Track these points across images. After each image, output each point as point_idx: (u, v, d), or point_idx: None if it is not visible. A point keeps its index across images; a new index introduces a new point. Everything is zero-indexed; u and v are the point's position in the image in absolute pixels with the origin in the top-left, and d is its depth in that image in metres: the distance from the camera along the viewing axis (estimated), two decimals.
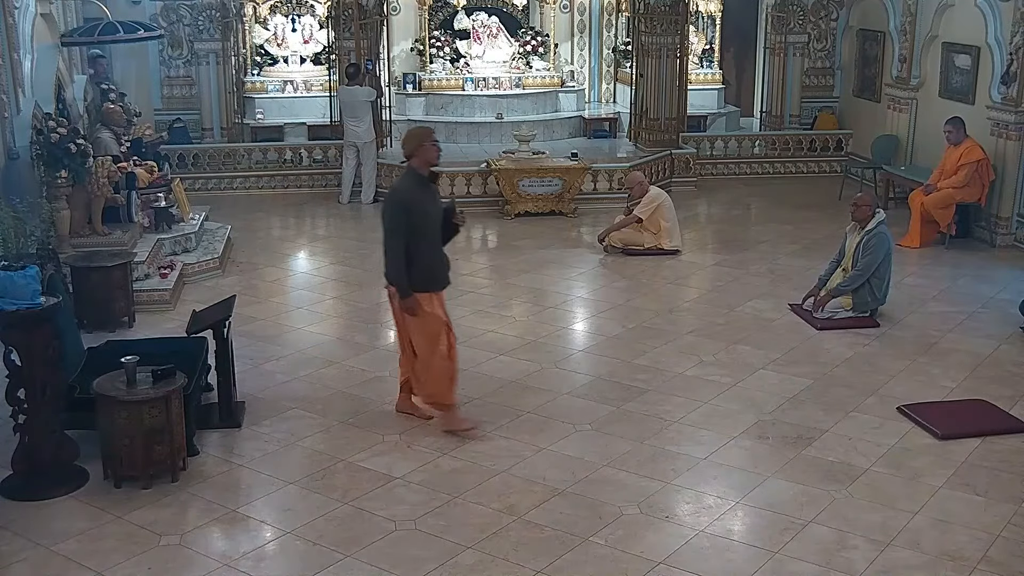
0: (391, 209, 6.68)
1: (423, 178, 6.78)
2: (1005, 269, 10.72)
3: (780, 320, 9.18)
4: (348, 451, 6.67)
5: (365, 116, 13.51)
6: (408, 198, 6.66)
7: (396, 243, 6.63)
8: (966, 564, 5.42)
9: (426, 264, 6.72)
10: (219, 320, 7.06)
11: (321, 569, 5.39)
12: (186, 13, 14.86)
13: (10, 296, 5.88)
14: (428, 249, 6.75)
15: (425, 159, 6.73)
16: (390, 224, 6.64)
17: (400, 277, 6.67)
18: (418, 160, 6.72)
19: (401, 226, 6.60)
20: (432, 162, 6.79)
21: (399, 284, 6.69)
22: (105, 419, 6.14)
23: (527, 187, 12.77)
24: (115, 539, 5.65)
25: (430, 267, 6.77)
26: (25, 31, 9.84)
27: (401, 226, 6.60)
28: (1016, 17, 11.28)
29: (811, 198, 13.87)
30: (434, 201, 6.83)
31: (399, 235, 6.61)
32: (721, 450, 6.68)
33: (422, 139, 6.74)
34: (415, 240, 6.63)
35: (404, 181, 6.80)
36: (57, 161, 9.03)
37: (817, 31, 15.91)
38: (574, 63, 16.67)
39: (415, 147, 6.73)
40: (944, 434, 6.85)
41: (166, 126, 14.18)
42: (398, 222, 6.61)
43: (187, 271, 10.17)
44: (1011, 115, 11.40)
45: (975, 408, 7.31)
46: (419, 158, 6.72)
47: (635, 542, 5.63)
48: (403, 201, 6.66)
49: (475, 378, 7.85)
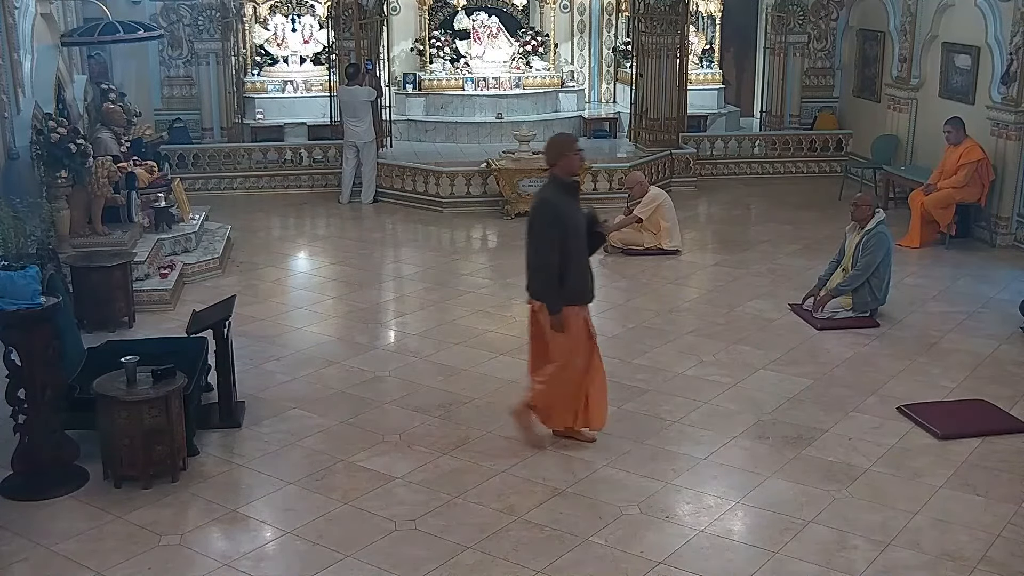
0: (545, 220, 6.34)
1: (568, 186, 6.49)
2: (1005, 269, 10.72)
3: (780, 320, 9.18)
4: (348, 451, 6.67)
5: (365, 116, 13.51)
6: (561, 209, 6.34)
7: (550, 256, 6.30)
8: (966, 564, 5.42)
9: (576, 277, 6.42)
10: (219, 320, 7.06)
11: (321, 569, 5.39)
12: (186, 13, 14.87)
13: (10, 296, 5.88)
14: (578, 261, 6.44)
15: (568, 168, 6.45)
16: (544, 236, 6.32)
17: (552, 292, 6.37)
18: (560, 169, 6.43)
19: (556, 238, 6.29)
20: (574, 171, 6.54)
21: (550, 299, 6.39)
22: (105, 419, 6.14)
23: (527, 187, 12.76)
24: (115, 539, 5.65)
25: (580, 280, 6.46)
26: (25, 31, 9.84)
27: (556, 238, 6.29)
28: (1016, 17, 11.28)
29: (811, 198, 13.87)
30: (579, 210, 6.51)
31: (554, 248, 6.29)
32: (721, 450, 6.68)
33: (565, 148, 6.45)
34: (566, 252, 6.34)
35: (550, 190, 6.45)
36: (57, 161, 9.03)
37: (817, 31, 15.91)
38: (574, 63, 16.67)
39: (558, 156, 6.43)
40: (944, 434, 6.85)
41: (166, 126, 14.19)
42: (552, 234, 6.30)
43: (187, 271, 10.17)
44: (1011, 115, 11.40)
45: (975, 408, 7.31)
46: (562, 166, 6.43)
47: (635, 542, 5.63)
48: (557, 212, 6.33)
49: (475, 378, 7.85)
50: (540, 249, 6.37)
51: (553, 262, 6.33)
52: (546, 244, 6.34)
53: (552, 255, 6.32)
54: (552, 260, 6.33)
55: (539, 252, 6.39)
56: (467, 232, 12.45)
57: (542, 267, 6.39)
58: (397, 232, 12.61)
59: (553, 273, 6.35)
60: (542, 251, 6.36)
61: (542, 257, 6.37)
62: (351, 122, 13.48)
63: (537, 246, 6.40)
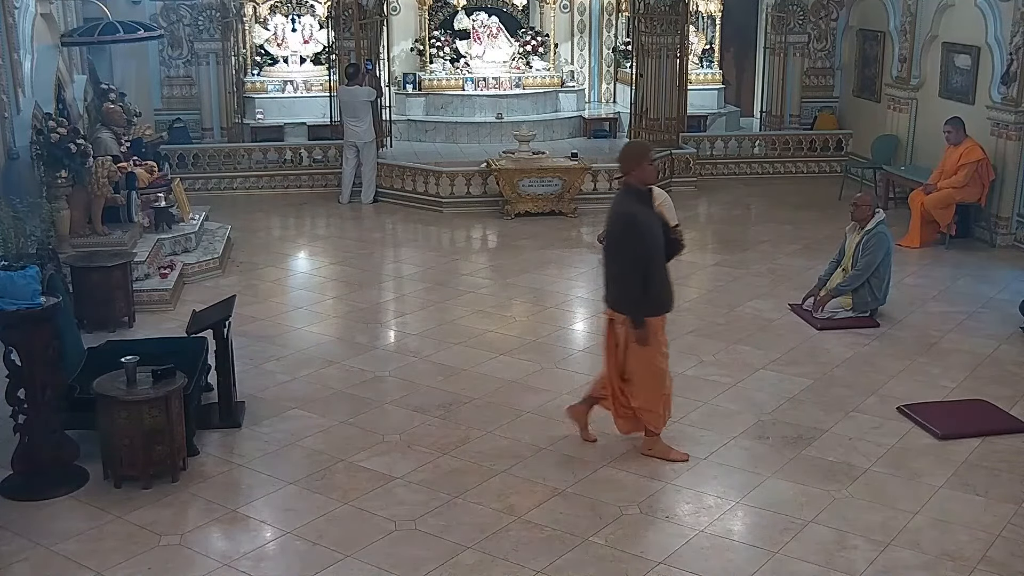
0: (629, 232, 6.23)
1: (645, 196, 6.38)
2: (1005, 269, 10.72)
3: (780, 320, 9.18)
4: (348, 451, 6.67)
5: (365, 116, 13.51)
6: (644, 221, 6.24)
7: (636, 268, 6.20)
8: (966, 564, 5.42)
9: (659, 287, 6.33)
10: (219, 320, 7.06)
11: (321, 569, 5.39)
12: (186, 13, 14.87)
13: (10, 296, 5.88)
14: (660, 271, 6.32)
15: (644, 178, 6.35)
16: (629, 248, 6.22)
17: (637, 304, 6.27)
18: (636, 178, 6.33)
19: (640, 249, 6.21)
20: (650, 182, 6.43)
21: (634, 311, 6.28)
22: (105, 419, 6.14)
23: (527, 187, 12.77)
24: (115, 539, 5.65)
25: (662, 290, 6.36)
26: (25, 31, 9.84)
27: (640, 249, 6.21)
28: (1016, 17, 11.28)
29: (811, 198, 13.87)
30: (657, 219, 6.41)
31: (639, 261, 6.20)
32: (721, 450, 6.68)
33: (642, 158, 6.36)
34: (649, 264, 6.24)
35: (629, 201, 6.32)
36: (57, 161, 9.03)
37: (817, 31, 15.91)
38: (574, 63, 16.67)
39: (635, 165, 6.33)
40: (944, 434, 6.85)
41: (166, 126, 14.20)
42: (637, 247, 6.21)
43: (187, 271, 10.17)
44: (1011, 115, 11.40)
45: (975, 408, 7.31)
46: (637, 176, 6.33)
47: (635, 542, 5.63)
48: (639, 222, 6.22)
49: (475, 378, 7.85)
50: (625, 262, 6.27)
51: (638, 275, 6.22)
52: (631, 257, 6.24)
53: (637, 268, 6.22)
54: (636, 271, 6.22)
55: (623, 265, 6.28)
56: (467, 232, 12.45)
57: (627, 280, 6.27)
58: (397, 232, 12.61)
59: (639, 285, 6.24)
60: (627, 264, 6.25)
61: (622, 269, 6.28)
62: (351, 122, 13.48)
63: (621, 259, 6.29)
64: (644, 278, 6.23)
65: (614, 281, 6.40)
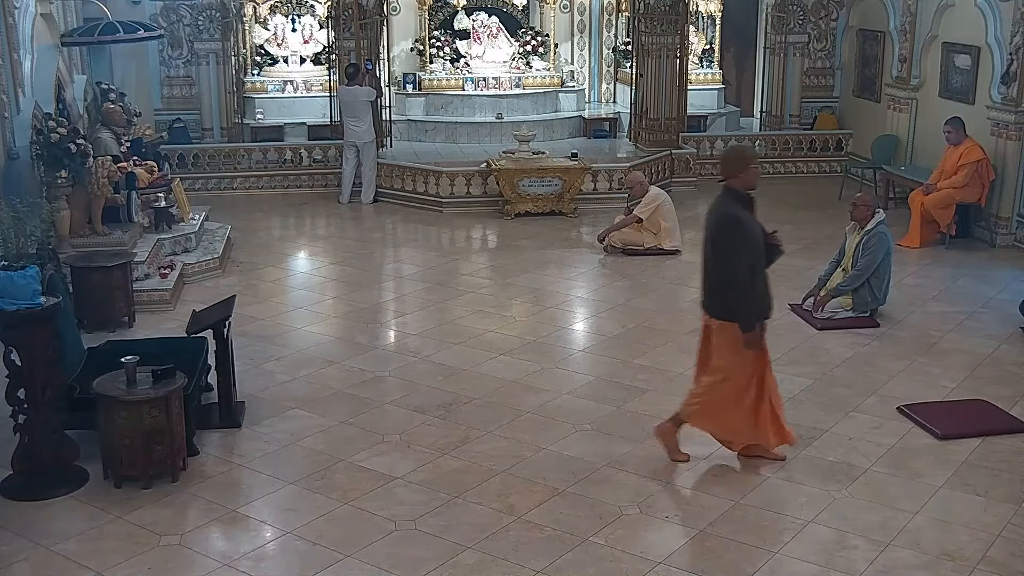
0: (736, 238, 6.15)
1: (748, 200, 6.31)
2: (1005, 269, 10.72)
3: (780, 320, 9.16)
4: (348, 451, 6.67)
5: (365, 116, 13.52)
6: (748, 226, 6.19)
7: (744, 272, 6.11)
8: (966, 564, 5.42)
9: (762, 293, 6.28)
10: (219, 320, 7.06)
11: (321, 569, 5.39)
12: (186, 13, 14.87)
13: (10, 296, 5.88)
14: (762, 276, 6.26)
15: (747, 182, 6.29)
16: (735, 255, 6.13)
17: (748, 309, 6.18)
18: (739, 182, 6.26)
19: (747, 254, 6.14)
20: (752, 186, 6.34)
21: (745, 317, 6.18)
22: (105, 419, 6.14)
23: (527, 187, 12.77)
24: (115, 539, 5.65)
25: (765, 295, 6.31)
26: (25, 31, 9.84)
27: (747, 254, 6.14)
28: (1016, 17, 11.28)
29: (811, 198, 13.87)
30: (758, 224, 6.33)
31: (746, 266, 6.12)
32: (721, 450, 6.67)
33: (747, 161, 6.31)
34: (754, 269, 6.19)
35: (733, 205, 6.23)
36: (57, 161, 9.03)
37: (817, 31, 15.91)
38: (574, 63, 16.67)
39: (740, 169, 6.25)
40: (944, 434, 6.85)
41: (166, 126, 14.20)
42: (744, 252, 6.14)
43: (187, 271, 10.17)
44: (1011, 115, 11.40)
45: (975, 408, 7.31)
46: (741, 180, 6.26)
47: (635, 542, 5.63)
48: (746, 230, 6.16)
49: (475, 378, 7.85)
50: (730, 268, 6.15)
51: (746, 280, 6.14)
52: (737, 262, 6.14)
53: (745, 274, 6.13)
54: (745, 278, 6.13)
55: (729, 271, 6.16)
56: (467, 232, 12.45)
57: (734, 285, 6.16)
58: (397, 232, 12.61)
59: (747, 291, 6.16)
60: (733, 270, 6.14)
61: (734, 276, 6.15)
62: (351, 122, 13.49)
63: (726, 264, 6.17)
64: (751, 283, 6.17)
65: (715, 287, 6.27)
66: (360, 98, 13.44)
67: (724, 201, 6.31)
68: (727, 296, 6.22)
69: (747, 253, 6.14)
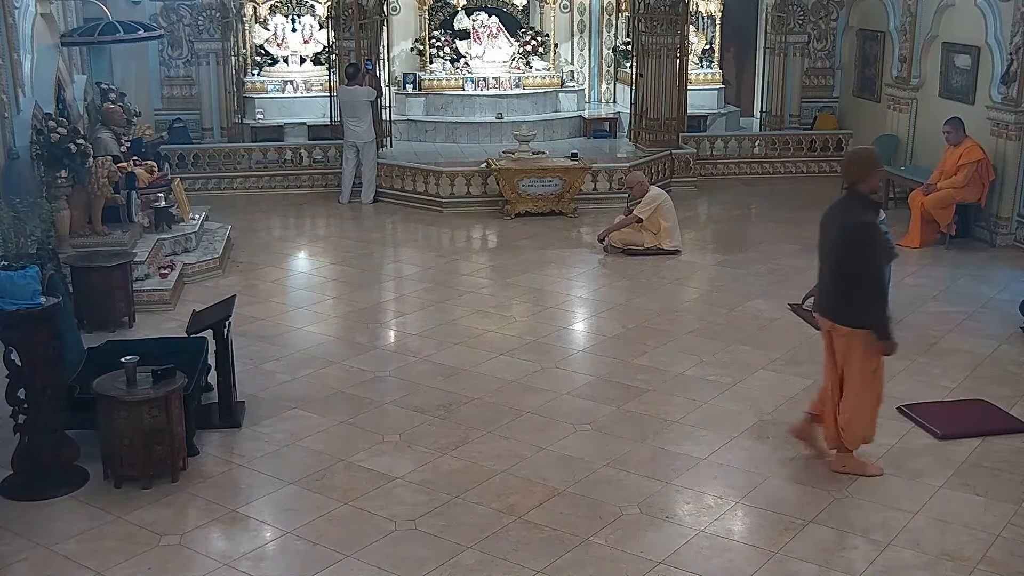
0: (876, 243, 6.16)
1: (874, 204, 6.28)
2: (1005, 269, 10.72)
3: (780, 320, 9.18)
4: (348, 451, 6.67)
5: (365, 116, 13.51)
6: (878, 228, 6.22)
7: (879, 281, 6.14)
8: (966, 564, 5.42)
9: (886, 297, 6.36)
10: (219, 320, 7.06)
11: (321, 569, 5.39)
12: (186, 13, 14.87)
13: (10, 296, 5.88)
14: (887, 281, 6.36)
15: (873, 186, 6.24)
16: (868, 258, 6.11)
17: (883, 316, 6.14)
18: (866, 186, 6.18)
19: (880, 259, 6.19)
20: (876, 189, 6.34)
21: (881, 324, 6.12)
22: (105, 419, 6.14)
23: (527, 187, 12.77)
24: (115, 539, 5.65)
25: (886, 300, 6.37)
26: (25, 31, 9.84)
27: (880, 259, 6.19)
28: (1016, 17, 11.28)
29: (811, 198, 13.82)
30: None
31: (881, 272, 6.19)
32: (721, 450, 6.68)
33: (876, 165, 6.22)
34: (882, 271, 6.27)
35: (865, 211, 6.15)
36: (57, 161, 9.03)
37: (817, 31, 15.91)
38: (574, 63, 16.67)
39: (869, 173, 6.17)
40: (944, 434, 6.85)
41: (166, 126, 14.20)
42: (881, 256, 6.21)
43: (187, 271, 10.17)
44: (1011, 115, 11.40)
45: (975, 408, 7.31)
46: (868, 184, 6.19)
47: (635, 542, 5.63)
48: (880, 234, 6.22)
49: (475, 378, 7.85)
50: (869, 275, 6.11)
51: (879, 285, 6.15)
52: (876, 270, 6.14)
53: (880, 280, 6.15)
54: (881, 285, 6.17)
55: (869, 278, 6.11)
56: (467, 232, 12.45)
57: (874, 294, 6.14)
58: (397, 232, 12.61)
59: (884, 299, 6.20)
60: (873, 277, 6.12)
61: (873, 283, 6.12)
62: (351, 122, 13.48)
63: (865, 272, 6.10)
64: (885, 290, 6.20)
65: (848, 295, 6.17)
66: (360, 98, 13.44)
67: (854, 206, 6.18)
68: (864, 304, 6.13)
69: (883, 259, 6.16)
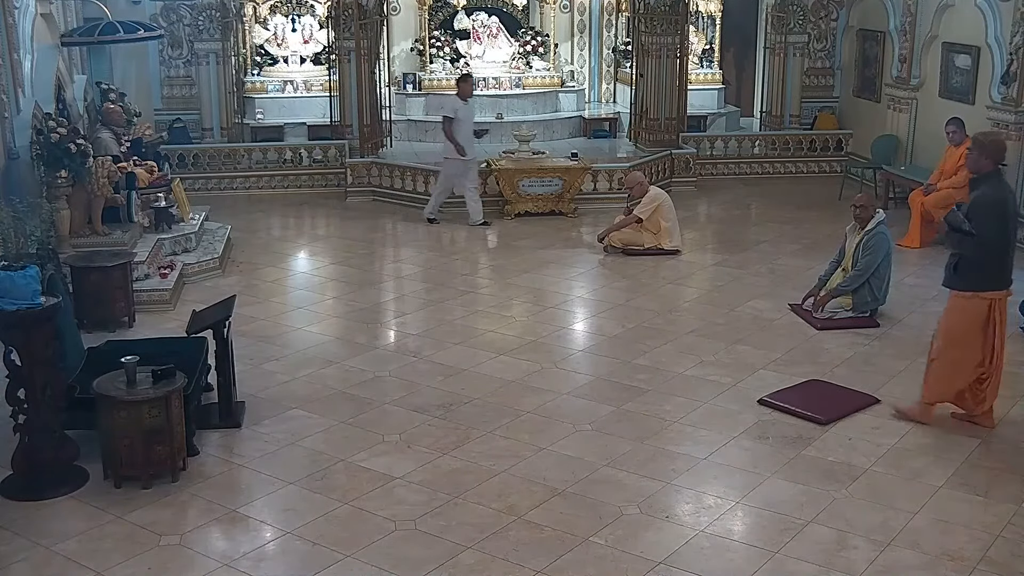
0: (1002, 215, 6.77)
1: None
2: None
3: (780, 320, 9.18)
4: (348, 451, 6.67)
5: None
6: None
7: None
8: (966, 564, 5.42)
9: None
10: (219, 320, 7.06)
11: (321, 569, 5.39)
12: (186, 13, 14.86)
13: (10, 296, 5.88)
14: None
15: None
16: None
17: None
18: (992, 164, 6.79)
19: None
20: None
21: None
22: (105, 419, 6.14)
23: (527, 187, 12.77)
24: (115, 539, 5.65)
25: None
26: (25, 31, 9.84)
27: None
28: (1016, 17, 11.29)
29: (811, 198, 13.87)
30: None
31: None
32: (721, 450, 6.68)
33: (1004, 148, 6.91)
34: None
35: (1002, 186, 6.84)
36: (57, 161, 9.03)
37: (817, 31, 15.90)
38: (574, 63, 16.67)
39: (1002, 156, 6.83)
40: (827, 419, 7.04)
41: (166, 126, 14.18)
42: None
43: (187, 271, 10.17)
44: (1011, 115, 11.40)
45: (817, 388, 7.57)
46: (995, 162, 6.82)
47: (635, 542, 5.63)
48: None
49: (475, 378, 7.85)
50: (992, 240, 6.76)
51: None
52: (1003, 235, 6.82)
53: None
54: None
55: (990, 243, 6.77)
56: (467, 232, 12.44)
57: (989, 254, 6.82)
58: (397, 232, 12.60)
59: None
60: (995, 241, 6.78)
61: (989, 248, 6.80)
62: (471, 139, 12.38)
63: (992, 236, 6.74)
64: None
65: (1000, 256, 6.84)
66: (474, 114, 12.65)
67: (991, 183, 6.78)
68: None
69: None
